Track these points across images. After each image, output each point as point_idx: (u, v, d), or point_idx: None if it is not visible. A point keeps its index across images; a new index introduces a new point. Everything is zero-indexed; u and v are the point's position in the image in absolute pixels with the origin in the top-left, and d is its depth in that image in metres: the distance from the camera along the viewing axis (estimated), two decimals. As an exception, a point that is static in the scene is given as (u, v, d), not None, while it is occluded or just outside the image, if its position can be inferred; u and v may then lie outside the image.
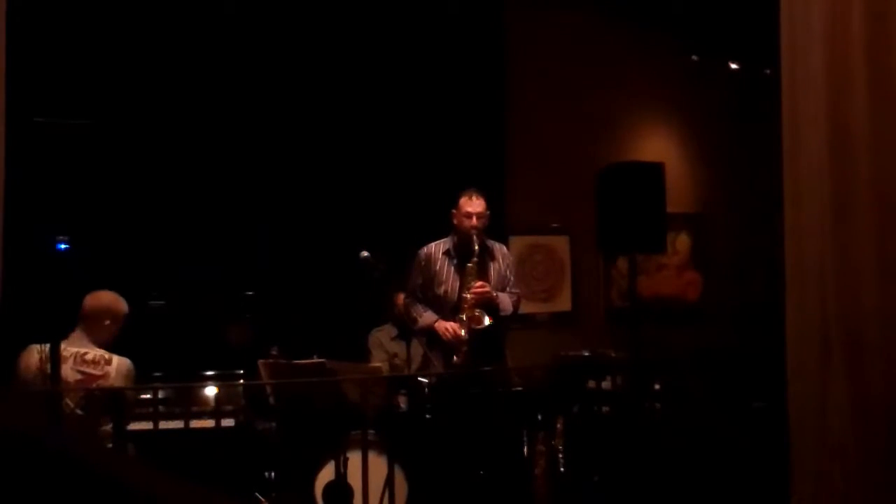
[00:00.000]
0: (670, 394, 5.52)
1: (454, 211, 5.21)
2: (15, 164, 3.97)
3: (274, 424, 5.09)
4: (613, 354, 6.24)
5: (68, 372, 4.39)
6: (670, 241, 7.31)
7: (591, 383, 5.59)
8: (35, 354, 4.46)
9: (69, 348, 4.48)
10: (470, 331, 5.02)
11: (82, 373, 4.49)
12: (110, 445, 4.55)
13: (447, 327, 5.05)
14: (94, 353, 4.55)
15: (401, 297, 5.46)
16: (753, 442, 5.09)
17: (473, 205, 5.15)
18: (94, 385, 4.49)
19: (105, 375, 4.52)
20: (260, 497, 4.96)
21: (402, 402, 5.01)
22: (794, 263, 3.79)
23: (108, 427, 4.59)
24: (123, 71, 6.04)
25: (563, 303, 7.45)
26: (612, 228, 5.74)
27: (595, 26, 7.43)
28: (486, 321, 5.03)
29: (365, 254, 4.97)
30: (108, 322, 4.65)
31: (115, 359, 4.58)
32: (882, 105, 3.57)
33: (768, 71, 6.27)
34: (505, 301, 5.22)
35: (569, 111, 7.36)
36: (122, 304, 4.73)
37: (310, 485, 4.80)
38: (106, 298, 4.69)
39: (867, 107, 3.59)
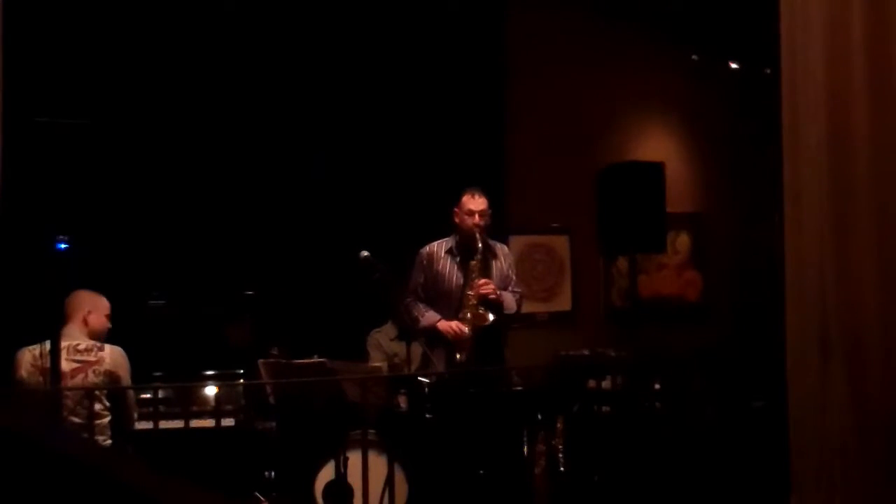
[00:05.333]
0: (670, 394, 5.52)
1: (456, 209, 5.21)
2: (15, 164, 3.97)
3: (274, 424, 5.10)
4: (613, 354, 6.24)
5: (63, 363, 4.49)
6: (670, 241, 7.30)
7: (591, 383, 5.59)
8: (28, 354, 4.56)
9: (62, 342, 4.55)
10: (474, 328, 5.03)
11: (77, 361, 4.57)
12: (109, 442, 4.58)
13: (451, 326, 5.06)
14: (87, 343, 4.64)
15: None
16: (753, 442, 5.09)
17: (476, 202, 5.15)
18: (91, 370, 4.58)
19: (99, 360, 4.60)
20: (260, 497, 4.96)
21: (402, 402, 5.01)
22: (793, 263, 3.79)
23: (106, 420, 4.62)
24: (123, 71, 6.03)
25: (563, 302, 7.45)
26: (612, 228, 5.75)
27: (595, 26, 7.42)
28: (490, 318, 5.04)
29: (365, 254, 4.97)
30: (88, 310, 4.71)
31: (108, 346, 4.67)
32: (882, 105, 3.57)
33: (768, 71, 6.27)
34: (508, 299, 5.23)
35: (569, 111, 7.35)
36: (97, 297, 4.80)
37: (310, 485, 4.80)
38: (81, 293, 4.77)
39: (867, 106, 3.59)
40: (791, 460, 3.78)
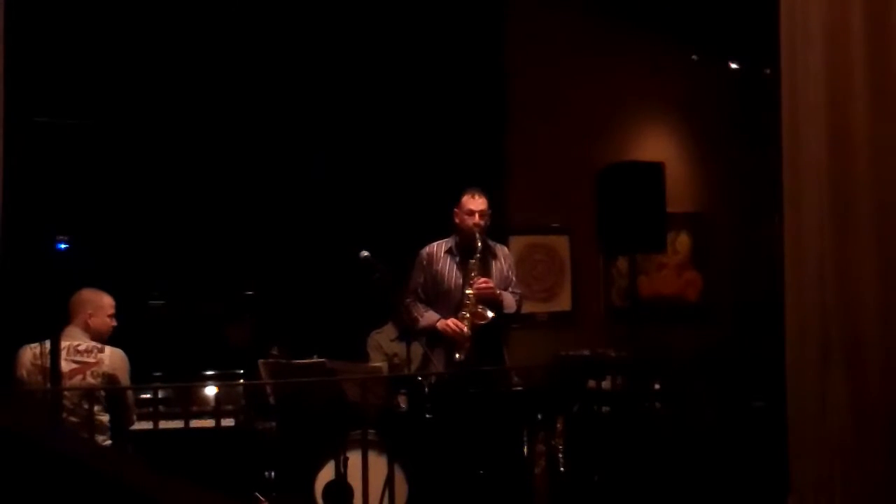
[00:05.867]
0: (670, 394, 5.52)
1: (456, 210, 5.22)
2: (15, 164, 3.97)
3: (274, 424, 5.10)
4: (613, 354, 6.24)
5: (62, 363, 4.49)
6: (670, 241, 7.30)
7: (591, 383, 5.60)
8: (28, 352, 4.54)
9: (63, 342, 4.56)
10: (473, 326, 5.03)
11: (76, 362, 4.57)
12: (109, 442, 4.58)
13: (449, 324, 5.06)
14: (87, 344, 4.63)
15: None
16: (753, 442, 5.09)
17: (476, 203, 5.17)
18: (89, 372, 4.57)
19: (98, 362, 4.59)
20: (260, 497, 4.96)
21: (402, 402, 5.01)
22: (793, 263, 3.79)
23: (105, 420, 4.62)
24: (123, 71, 6.03)
25: (563, 303, 7.44)
26: (612, 228, 5.76)
27: (595, 26, 7.42)
28: (490, 315, 5.05)
29: (365, 254, 4.98)
30: (90, 313, 4.70)
31: (108, 348, 4.66)
32: (882, 105, 3.58)
33: (768, 71, 6.27)
34: (508, 299, 5.23)
35: (569, 111, 7.35)
36: (101, 296, 4.79)
37: (310, 485, 4.80)
38: (84, 292, 4.76)
39: (867, 107, 3.59)
40: (790, 460, 3.78)
